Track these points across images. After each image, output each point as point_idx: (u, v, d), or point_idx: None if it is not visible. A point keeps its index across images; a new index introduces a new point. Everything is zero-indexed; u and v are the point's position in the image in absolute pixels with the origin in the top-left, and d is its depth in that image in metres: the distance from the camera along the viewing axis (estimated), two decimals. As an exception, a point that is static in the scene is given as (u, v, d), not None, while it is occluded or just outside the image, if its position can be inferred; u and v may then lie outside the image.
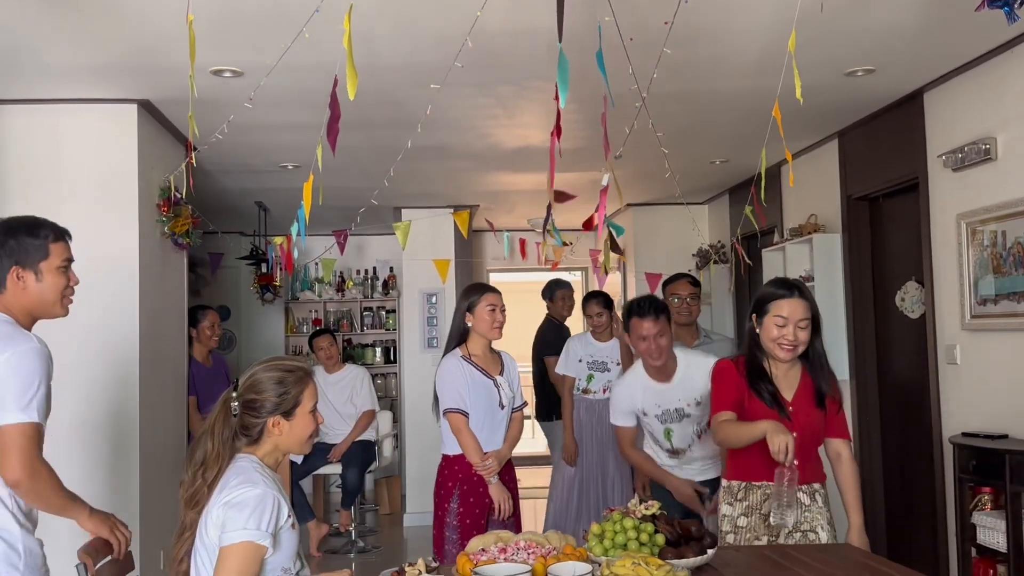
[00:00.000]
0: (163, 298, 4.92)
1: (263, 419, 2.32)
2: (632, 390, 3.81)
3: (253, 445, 2.35)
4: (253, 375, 2.36)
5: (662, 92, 4.49)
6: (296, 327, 9.28)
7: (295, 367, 2.39)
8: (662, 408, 3.75)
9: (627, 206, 8.28)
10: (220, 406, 2.35)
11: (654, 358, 3.68)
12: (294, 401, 2.34)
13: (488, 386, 3.77)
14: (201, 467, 2.31)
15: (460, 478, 3.73)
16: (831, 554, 2.85)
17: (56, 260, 2.60)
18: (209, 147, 5.28)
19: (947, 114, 4.46)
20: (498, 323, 3.78)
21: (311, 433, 2.39)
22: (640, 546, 2.64)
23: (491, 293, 3.82)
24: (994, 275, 4.11)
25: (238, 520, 2.19)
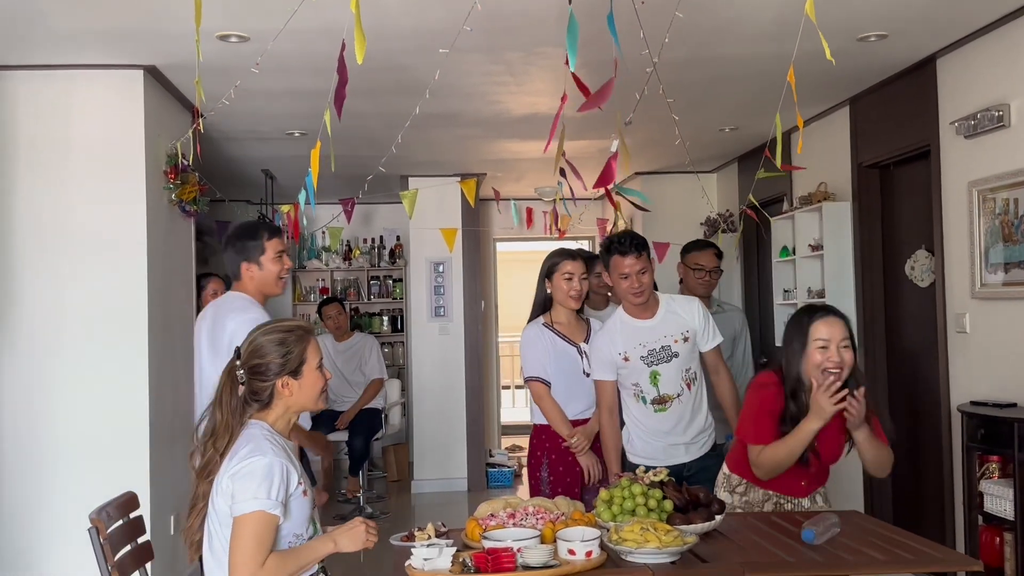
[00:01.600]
0: (171, 265, 4.92)
1: (271, 381, 2.33)
2: (612, 334, 3.58)
3: (264, 410, 2.36)
4: (253, 341, 2.36)
5: (673, 58, 4.44)
6: (303, 296, 9.28)
7: (294, 326, 2.41)
8: (647, 347, 3.52)
9: (635, 174, 8.24)
10: (226, 376, 2.36)
11: (636, 296, 3.51)
12: (299, 359, 2.35)
13: (571, 354, 3.77)
14: (211, 438, 2.32)
15: (548, 447, 3.79)
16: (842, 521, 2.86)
17: (271, 253, 3.36)
18: (215, 114, 5.24)
19: (960, 80, 4.41)
20: (575, 292, 3.75)
21: (321, 388, 2.41)
22: (648, 512, 2.66)
23: (568, 261, 3.78)
24: (1004, 244, 4.08)
25: (247, 490, 2.20)
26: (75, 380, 4.44)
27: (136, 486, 4.37)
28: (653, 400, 3.54)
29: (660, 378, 3.52)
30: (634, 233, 3.63)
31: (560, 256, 3.80)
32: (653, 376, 3.53)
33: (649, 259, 3.56)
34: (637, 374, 3.53)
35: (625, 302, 3.59)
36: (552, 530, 2.54)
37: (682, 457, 3.56)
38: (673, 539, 2.40)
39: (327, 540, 2.34)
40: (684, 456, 3.57)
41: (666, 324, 3.56)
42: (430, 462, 7.85)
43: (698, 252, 4.54)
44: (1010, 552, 3.73)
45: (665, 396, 3.54)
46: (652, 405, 3.54)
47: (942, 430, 4.60)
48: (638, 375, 3.54)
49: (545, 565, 2.31)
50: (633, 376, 3.54)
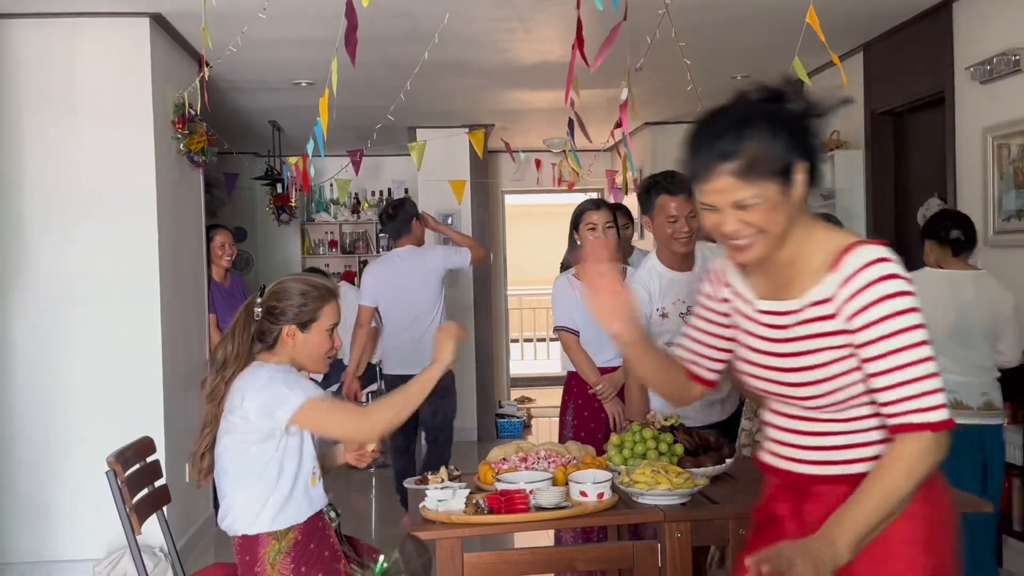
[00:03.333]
0: (181, 216, 4.92)
1: (279, 326, 2.38)
2: (649, 287, 3.22)
3: (269, 353, 2.41)
4: (281, 283, 2.45)
5: (683, 2, 4.37)
6: (312, 248, 9.29)
7: (321, 284, 2.47)
8: (687, 303, 3.16)
9: (645, 124, 8.16)
10: (244, 310, 2.43)
11: (684, 243, 3.16)
12: (312, 315, 2.39)
13: None
14: (222, 366, 2.39)
15: (575, 393, 3.82)
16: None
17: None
18: (222, 63, 5.19)
19: (976, 25, 4.33)
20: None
21: (327, 351, 2.44)
22: (659, 455, 2.67)
23: (592, 211, 3.69)
24: (1018, 191, 4.05)
25: (282, 392, 2.29)
26: (89, 331, 4.47)
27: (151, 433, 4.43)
28: None
29: None
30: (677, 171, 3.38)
31: (585, 205, 3.76)
32: None
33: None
34: (673, 332, 3.16)
35: (663, 249, 3.24)
36: (564, 473, 2.56)
37: (718, 415, 3.30)
38: (684, 481, 2.42)
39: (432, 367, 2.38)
40: (720, 414, 3.32)
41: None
42: (440, 413, 7.90)
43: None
44: (1018, 497, 3.77)
45: None
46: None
47: (952, 378, 4.60)
48: (674, 333, 3.15)
49: (557, 506, 2.34)
50: (668, 335, 3.17)
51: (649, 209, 3.22)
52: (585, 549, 2.64)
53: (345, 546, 2.53)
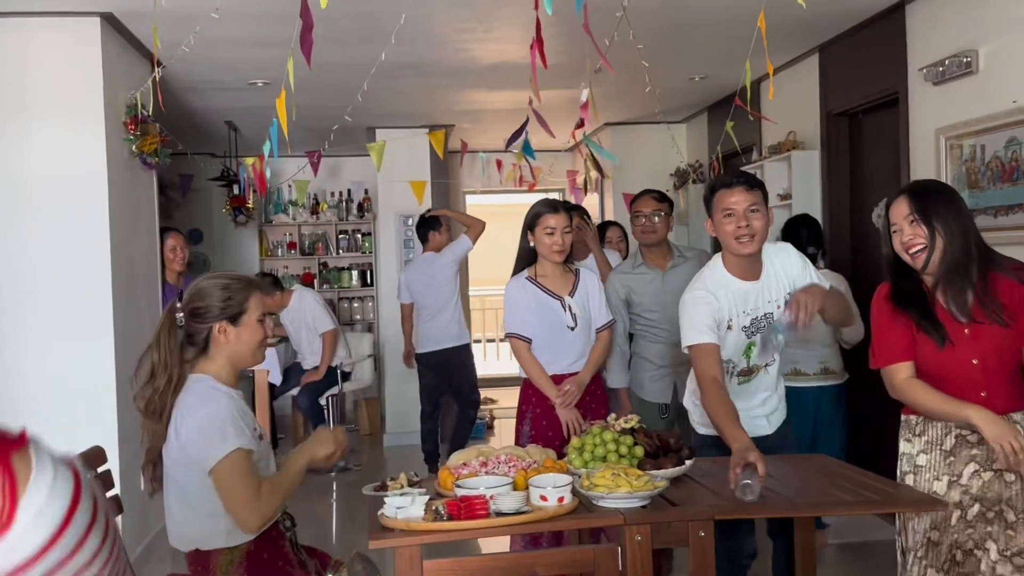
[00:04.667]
0: (134, 218, 4.83)
1: (208, 324, 2.33)
2: (717, 294, 2.90)
3: (204, 359, 2.35)
4: (197, 284, 2.41)
5: (643, 5, 4.37)
6: (270, 250, 9.19)
7: (240, 276, 2.45)
8: (751, 316, 2.93)
9: (605, 125, 8.18)
10: (166, 316, 2.37)
11: (745, 244, 2.84)
12: (239, 307, 2.35)
13: (554, 308, 3.65)
14: (150, 377, 2.33)
15: (532, 402, 3.71)
16: (807, 465, 2.90)
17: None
18: (176, 63, 5.11)
19: (929, 27, 4.40)
20: (557, 246, 3.59)
21: (260, 341, 2.40)
22: (619, 458, 2.67)
23: (550, 214, 3.59)
24: (971, 190, 4.11)
25: (213, 438, 2.22)
26: (39, 336, 4.36)
27: (104, 441, 4.34)
28: (740, 372, 3.02)
29: (755, 349, 2.98)
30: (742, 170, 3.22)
31: (542, 208, 3.63)
32: (748, 348, 2.98)
33: (766, 202, 2.92)
34: (732, 347, 2.94)
35: (727, 255, 2.93)
36: (524, 477, 2.54)
37: (764, 429, 3.07)
38: (644, 484, 2.42)
39: (301, 451, 2.40)
40: (767, 428, 3.09)
41: (770, 285, 2.95)
42: (400, 415, 7.86)
43: (637, 200, 4.11)
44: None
45: (754, 367, 3.02)
46: (737, 377, 3.02)
47: (907, 376, 4.66)
48: (732, 348, 2.94)
49: (517, 511, 2.32)
50: (726, 350, 2.92)
51: (710, 211, 2.96)
52: (546, 554, 2.62)
53: (301, 555, 2.49)
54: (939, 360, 2.58)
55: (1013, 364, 2.58)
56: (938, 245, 2.53)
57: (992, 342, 2.54)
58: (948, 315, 2.57)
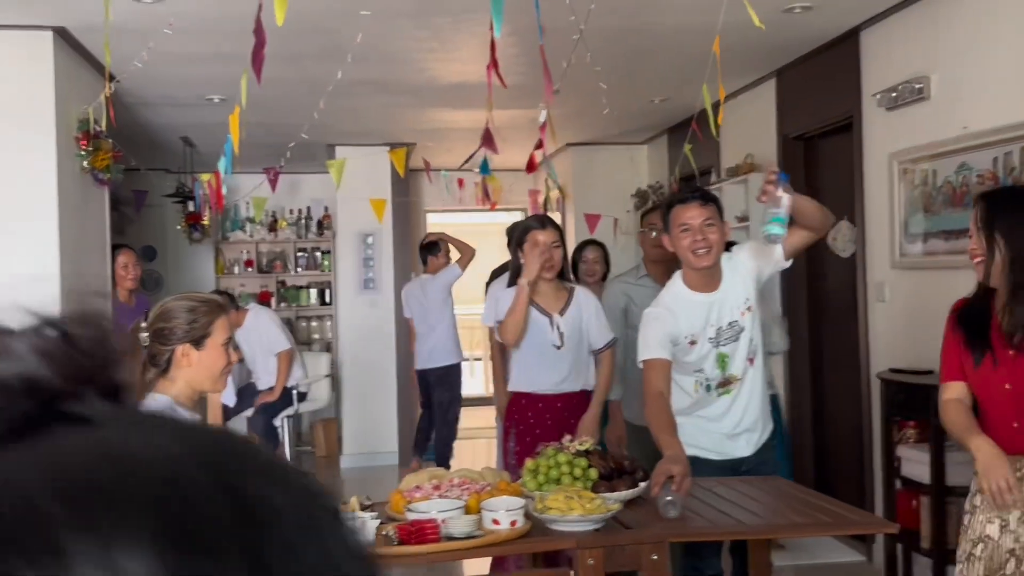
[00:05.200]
0: (84, 236, 4.73)
1: (171, 347, 2.28)
2: (674, 311, 2.93)
3: (165, 380, 2.30)
4: (163, 305, 2.35)
5: (601, 27, 4.40)
6: (227, 268, 9.07)
7: (208, 299, 2.39)
8: (716, 326, 2.95)
9: (566, 146, 8.21)
10: (129, 336, 2.31)
11: (702, 257, 2.89)
12: (204, 330, 2.30)
13: (541, 323, 3.58)
14: None
15: (517, 418, 3.64)
16: (762, 487, 2.90)
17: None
18: (131, 79, 5.03)
19: (882, 53, 4.47)
20: (547, 262, 3.52)
21: (224, 367, 2.35)
22: (574, 480, 2.65)
23: (539, 230, 3.53)
24: (924, 214, 4.17)
25: None
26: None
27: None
28: (719, 384, 3.01)
29: (729, 360, 2.98)
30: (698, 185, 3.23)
31: (531, 223, 3.60)
32: (721, 360, 2.98)
33: (721, 216, 2.95)
34: (703, 360, 2.96)
35: (687, 269, 2.98)
36: (478, 500, 2.51)
37: (743, 451, 3.06)
38: (597, 507, 2.40)
39: None
40: (745, 449, 3.06)
41: (730, 294, 2.97)
42: (359, 437, 7.78)
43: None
44: (926, 515, 3.85)
45: (731, 378, 3.00)
46: (717, 391, 3.01)
47: (863, 397, 4.71)
48: (703, 361, 2.96)
49: (469, 535, 2.29)
50: (698, 363, 2.96)
51: (667, 224, 3.01)
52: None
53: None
54: (976, 381, 2.47)
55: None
56: (997, 257, 2.38)
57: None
58: (999, 334, 2.42)
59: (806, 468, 5.45)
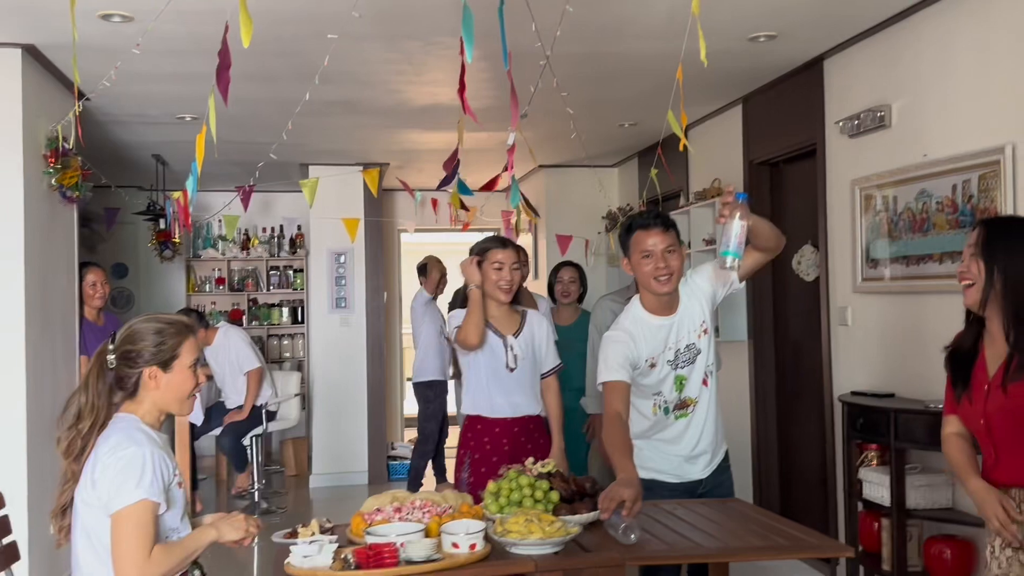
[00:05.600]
0: (51, 254, 4.70)
1: (139, 370, 2.28)
2: (634, 335, 2.97)
3: (131, 401, 2.30)
4: (131, 326, 2.34)
5: (569, 53, 4.46)
6: (198, 286, 9.02)
7: (175, 320, 2.37)
8: (675, 349, 2.99)
9: (539, 167, 8.27)
10: (96, 359, 2.31)
11: (663, 283, 2.93)
12: (171, 352, 2.30)
13: (494, 346, 3.53)
14: (76, 420, 2.26)
15: (471, 446, 3.55)
16: (722, 509, 2.93)
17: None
18: (102, 96, 5.02)
19: (845, 81, 4.56)
20: (504, 282, 3.47)
21: (191, 389, 2.35)
22: (535, 503, 2.66)
23: (499, 249, 3.49)
24: (885, 239, 4.24)
25: (125, 482, 2.16)
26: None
27: (13, 486, 4.17)
28: (676, 407, 3.04)
29: (686, 382, 3.02)
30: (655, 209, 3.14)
31: (490, 243, 3.54)
32: (679, 382, 3.02)
33: (679, 241, 3.01)
34: (661, 382, 3.00)
35: (645, 293, 3.02)
36: (438, 524, 2.52)
37: (699, 473, 3.08)
38: (556, 530, 2.41)
39: (209, 529, 2.32)
40: (701, 471, 3.08)
41: (686, 317, 3.01)
42: (329, 456, 7.74)
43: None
44: (887, 537, 3.89)
45: (687, 400, 3.04)
46: (674, 413, 3.04)
47: (825, 419, 4.76)
48: (662, 384, 3.01)
49: (428, 559, 2.29)
50: (656, 386, 3.01)
51: (627, 251, 3.04)
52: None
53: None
54: (962, 414, 2.50)
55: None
56: (996, 285, 2.36)
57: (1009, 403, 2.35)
58: (982, 367, 2.43)
59: (771, 491, 5.50)
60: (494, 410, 3.56)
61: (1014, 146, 3.44)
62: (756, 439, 5.54)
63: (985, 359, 2.43)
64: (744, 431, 5.58)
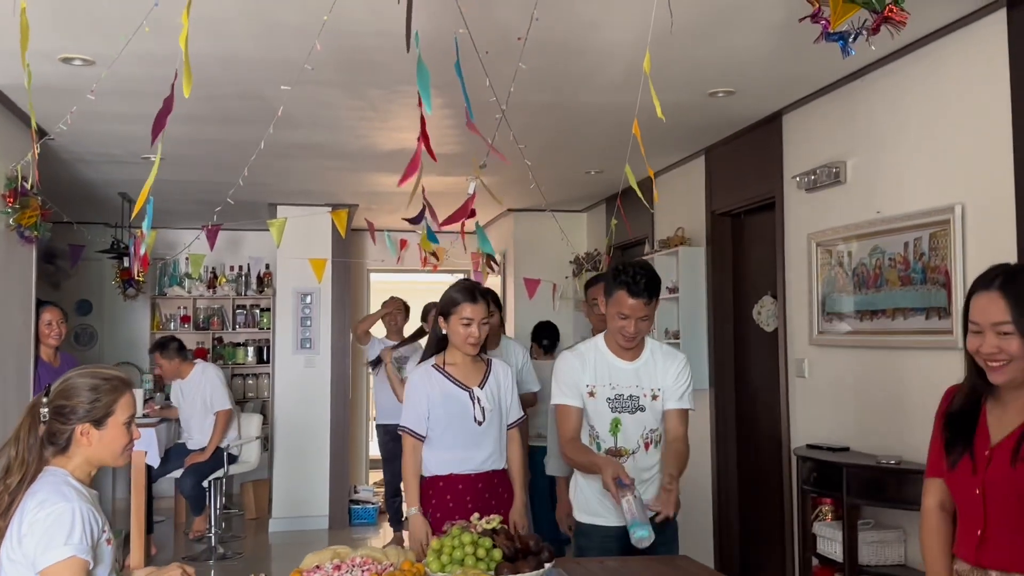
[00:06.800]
0: (6, 294, 4.65)
1: (71, 426, 2.24)
2: (584, 359, 3.15)
3: (62, 456, 2.26)
4: (67, 380, 2.29)
5: (531, 102, 4.51)
6: (163, 323, 8.94)
7: (112, 376, 2.33)
8: (616, 391, 3.13)
9: (508, 211, 8.31)
10: (28, 412, 2.26)
11: (627, 342, 3.11)
12: (105, 410, 2.26)
13: (461, 399, 3.37)
14: (4, 473, 2.21)
15: (434, 503, 3.36)
16: (670, 567, 2.91)
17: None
18: (66, 136, 5.01)
19: (802, 136, 4.63)
20: (473, 339, 3.34)
21: (125, 446, 2.31)
22: (477, 561, 2.63)
23: (468, 304, 3.33)
24: (840, 293, 4.28)
25: (54, 538, 2.11)
26: None
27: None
28: (608, 451, 3.11)
29: (621, 429, 3.12)
30: (650, 269, 3.12)
31: (459, 296, 3.36)
32: (614, 424, 3.12)
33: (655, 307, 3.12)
34: (597, 416, 3.13)
35: (610, 336, 3.18)
36: (377, 582, 2.48)
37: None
38: (495, 591, 2.38)
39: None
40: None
41: (642, 373, 3.16)
42: (290, 499, 7.63)
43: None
44: (837, 592, 3.88)
45: (622, 450, 3.12)
46: (606, 453, 3.12)
47: (783, 472, 4.76)
48: (597, 418, 3.13)
49: (362, 620, 2.25)
50: (592, 417, 3.13)
51: (608, 294, 3.13)
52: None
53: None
54: (952, 483, 2.17)
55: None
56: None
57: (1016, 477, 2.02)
58: (986, 430, 2.12)
59: (731, 544, 5.47)
60: (469, 466, 3.39)
61: (963, 206, 3.50)
62: (717, 492, 5.52)
63: (987, 423, 2.11)
64: (706, 483, 5.57)
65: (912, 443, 3.73)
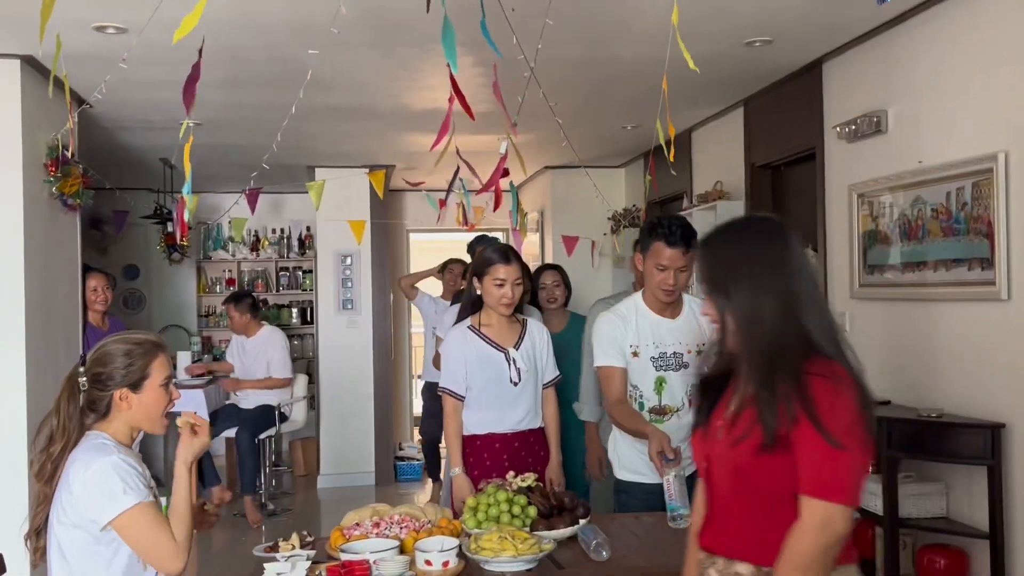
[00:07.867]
0: (52, 261, 4.76)
1: (109, 392, 2.30)
2: (627, 320, 3.14)
3: (103, 421, 2.32)
4: (101, 347, 2.36)
5: (565, 58, 4.45)
6: (209, 287, 9.10)
7: (144, 340, 2.39)
8: (659, 349, 3.12)
9: (545, 168, 8.26)
10: (66, 381, 2.33)
11: (667, 294, 3.09)
12: (141, 373, 2.32)
13: (497, 360, 3.41)
14: (48, 443, 2.29)
15: (471, 462, 3.40)
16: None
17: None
18: (105, 103, 5.07)
19: (843, 85, 4.52)
20: (507, 299, 3.35)
21: (163, 408, 2.37)
22: (512, 518, 2.67)
23: (501, 264, 3.35)
24: (882, 245, 4.21)
25: (114, 490, 2.19)
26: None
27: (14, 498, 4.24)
28: (652, 409, 3.12)
29: (665, 387, 3.12)
30: (684, 219, 3.10)
31: (493, 257, 3.38)
32: (659, 383, 3.12)
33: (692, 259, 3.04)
34: (640, 375, 3.12)
35: (649, 293, 3.17)
36: (414, 540, 2.53)
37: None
38: (529, 547, 2.42)
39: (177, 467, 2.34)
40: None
41: (686, 330, 3.14)
42: (337, 457, 7.79)
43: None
44: (880, 546, 3.87)
45: (666, 407, 3.12)
46: (649, 414, 3.11)
47: (824, 425, 4.72)
48: (640, 376, 3.12)
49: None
50: (635, 377, 3.12)
51: (644, 249, 3.13)
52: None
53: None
54: (693, 441, 1.99)
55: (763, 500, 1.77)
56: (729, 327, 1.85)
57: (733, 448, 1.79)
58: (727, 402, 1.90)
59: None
60: (498, 427, 3.43)
61: (1007, 154, 3.40)
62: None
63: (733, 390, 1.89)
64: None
65: (953, 396, 3.68)
